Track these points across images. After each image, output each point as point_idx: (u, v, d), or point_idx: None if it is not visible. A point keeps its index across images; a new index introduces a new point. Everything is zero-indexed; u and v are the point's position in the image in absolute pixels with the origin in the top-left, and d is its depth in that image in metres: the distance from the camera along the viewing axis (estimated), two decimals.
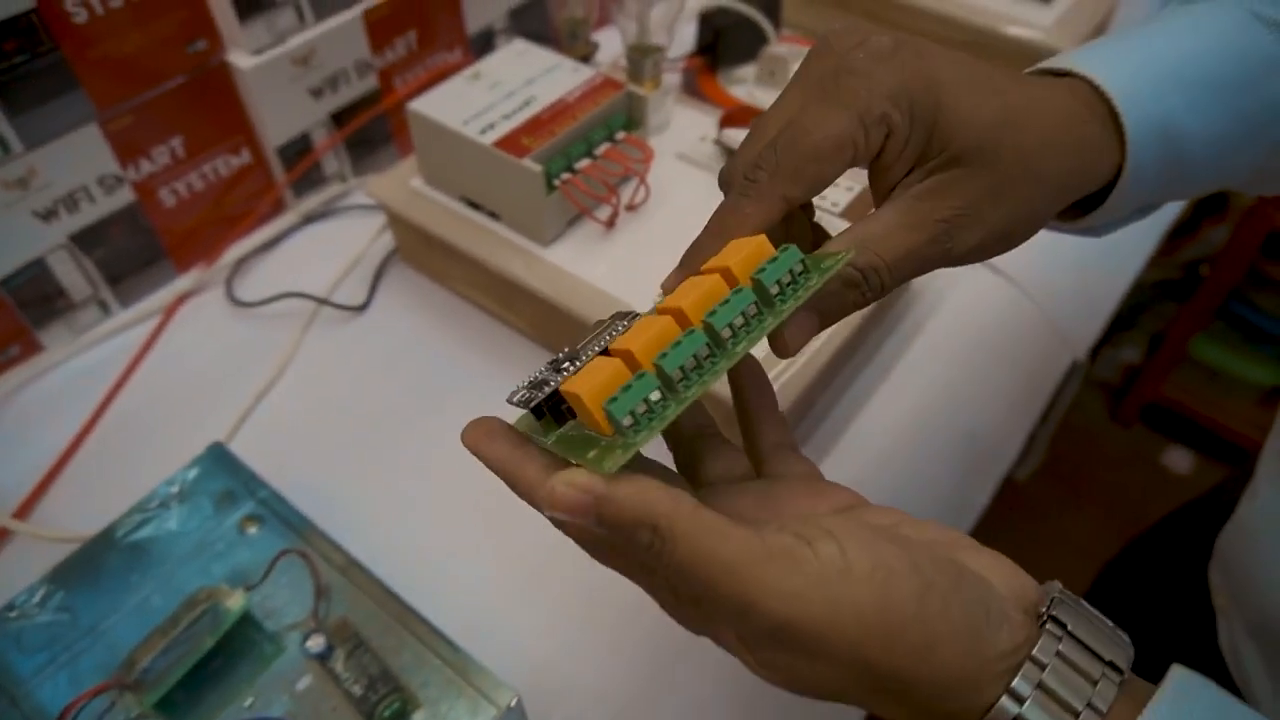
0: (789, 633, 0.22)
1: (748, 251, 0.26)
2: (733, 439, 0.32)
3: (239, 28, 0.58)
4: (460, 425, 0.58)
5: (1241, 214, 1.39)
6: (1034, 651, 0.23)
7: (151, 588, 0.45)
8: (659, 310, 0.26)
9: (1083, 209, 0.34)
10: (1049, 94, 0.30)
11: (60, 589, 0.45)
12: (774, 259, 0.26)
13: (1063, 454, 1.51)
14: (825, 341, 0.49)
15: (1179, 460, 1.60)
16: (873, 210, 0.30)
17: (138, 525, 0.47)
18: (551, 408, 0.27)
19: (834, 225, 0.55)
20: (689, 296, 0.25)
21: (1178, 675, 0.23)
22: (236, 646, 0.43)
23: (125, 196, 0.58)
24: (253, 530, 0.47)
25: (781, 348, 0.28)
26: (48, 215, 0.55)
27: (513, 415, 0.28)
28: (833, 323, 0.29)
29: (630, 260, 0.54)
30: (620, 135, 0.56)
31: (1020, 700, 0.22)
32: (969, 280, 0.65)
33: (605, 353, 0.26)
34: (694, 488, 0.31)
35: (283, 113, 0.64)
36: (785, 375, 0.48)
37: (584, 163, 0.54)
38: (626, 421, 0.23)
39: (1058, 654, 0.23)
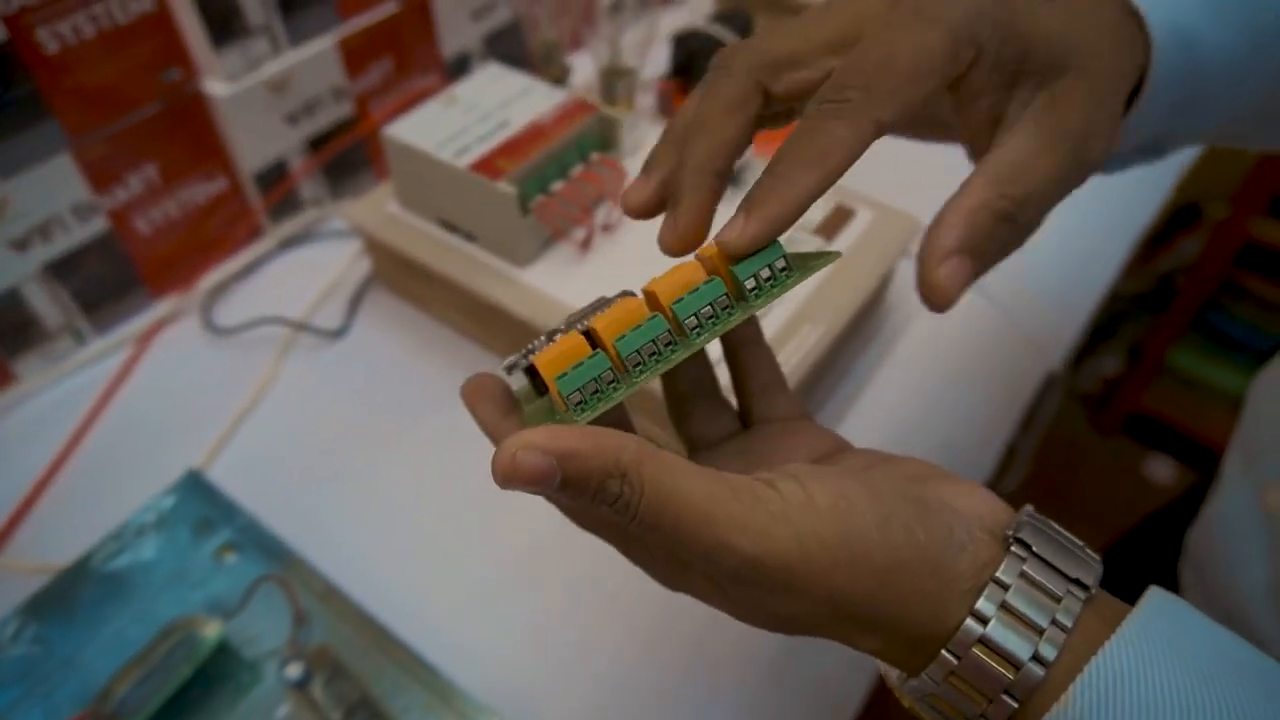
0: (758, 569, 0.22)
1: None
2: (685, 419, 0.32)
3: (213, 56, 0.58)
4: (439, 448, 0.58)
5: (1214, 225, 1.42)
6: (997, 572, 0.23)
7: (127, 618, 0.44)
8: (644, 290, 0.26)
9: None
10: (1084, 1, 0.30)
11: (34, 621, 0.44)
12: (758, 251, 0.25)
13: (1047, 466, 1.51)
14: (801, 358, 0.50)
15: (1161, 469, 1.61)
16: (999, 144, 0.28)
17: (113, 555, 0.47)
18: (536, 377, 0.27)
19: (806, 243, 0.56)
20: (667, 279, 0.25)
21: (1154, 595, 0.23)
22: (214, 675, 0.42)
23: (100, 225, 0.58)
24: (230, 558, 0.47)
25: (937, 298, 0.25)
26: (21, 245, 0.54)
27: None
28: (990, 265, 0.26)
29: (606, 281, 0.54)
30: (594, 157, 0.57)
31: (984, 621, 0.22)
32: None
33: (587, 331, 0.26)
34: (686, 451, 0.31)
35: (258, 139, 0.64)
36: None
37: (559, 185, 0.55)
38: (575, 398, 0.24)
39: (1021, 574, 0.23)
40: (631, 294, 0.28)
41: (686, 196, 0.27)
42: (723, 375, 0.33)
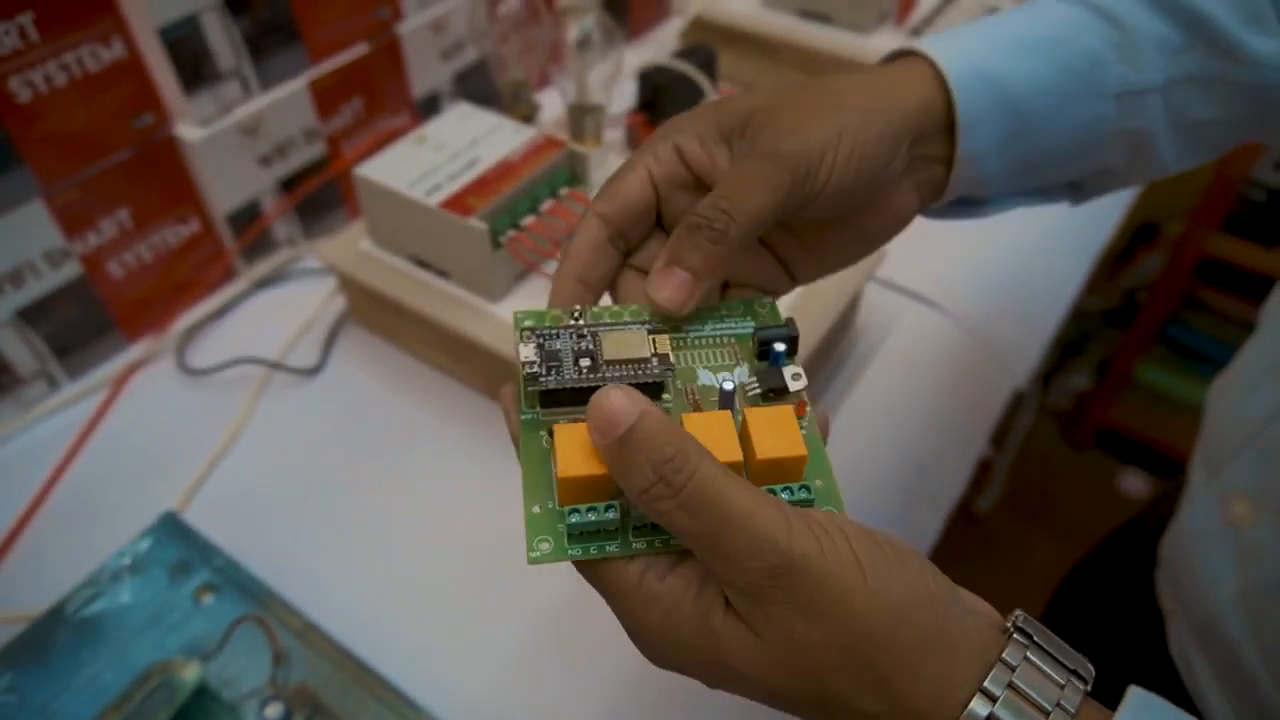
0: (791, 571, 0.23)
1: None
2: None
3: (185, 100, 0.59)
4: (416, 483, 0.58)
5: (1174, 242, 1.45)
6: (1003, 654, 0.24)
7: (103, 664, 0.44)
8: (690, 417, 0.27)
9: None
10: (874, 68, 0.35)
11: (8, 670, 0.44)
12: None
13: (1022, 482, 1.53)
14: None
15: (1134, 482, 1.63)
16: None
17: (89, 600, 0.46)
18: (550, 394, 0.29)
19: None
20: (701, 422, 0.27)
21: (1135, 695, 0.24)
22: (193, 718, 0.42)
23: (73, 270, 0.58)
24: (208, 599, 0.47)
25: (660, 306, 0.30)
26: None
27: None
28: (708, 272, 0.30)
29: None
30: (564, 192, 0.58)
31: (992, 699, 0.23)
32: (909, 317, 0.67)
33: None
34: None
35: (231, 182, 0.64)
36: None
37: (529, 219, 0.56)
38: (574, 530, 0.26)
39: (1025, 658, 0.24)
40: (631, 326, 0.30)
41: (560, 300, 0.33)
42: None
